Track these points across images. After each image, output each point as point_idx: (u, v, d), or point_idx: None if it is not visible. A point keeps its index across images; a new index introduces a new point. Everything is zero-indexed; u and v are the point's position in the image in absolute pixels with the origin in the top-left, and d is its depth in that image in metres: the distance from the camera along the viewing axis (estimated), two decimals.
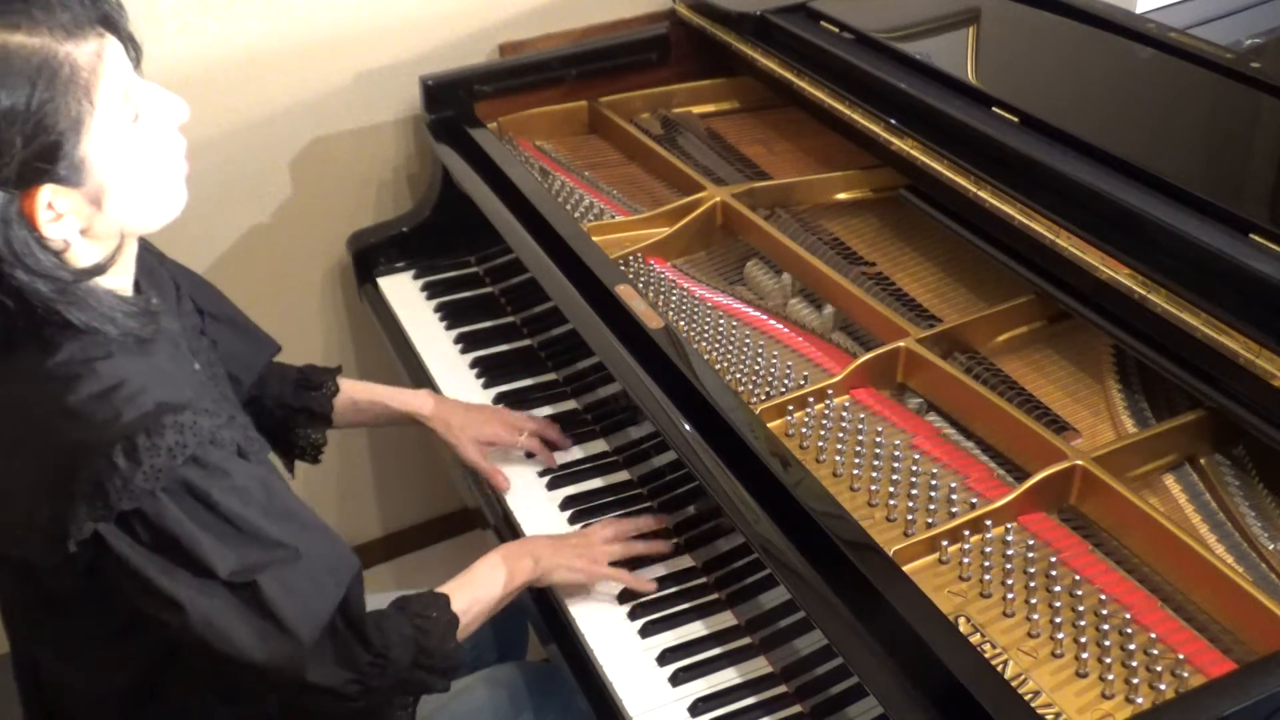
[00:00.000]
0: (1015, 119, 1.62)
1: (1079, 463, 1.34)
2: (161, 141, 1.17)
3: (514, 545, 1.49)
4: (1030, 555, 1.31)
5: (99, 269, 1.14)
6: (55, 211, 1.09)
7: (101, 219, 1.13)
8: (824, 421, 1.50)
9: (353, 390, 1.70)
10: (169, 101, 1.17)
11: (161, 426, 1.09)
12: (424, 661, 1.27)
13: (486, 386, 1.87)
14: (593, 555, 1.49)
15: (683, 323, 1.70)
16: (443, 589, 1.37)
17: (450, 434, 1.70)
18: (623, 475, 1.68)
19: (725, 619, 1.45)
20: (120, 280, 1.21)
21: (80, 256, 1.13)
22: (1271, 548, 1.28)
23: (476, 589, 1.40)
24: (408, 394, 1.75)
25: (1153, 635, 1.22)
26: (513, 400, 1.83)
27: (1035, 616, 1.25)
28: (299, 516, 1.21)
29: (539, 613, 1.54)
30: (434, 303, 2.06)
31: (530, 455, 1.72)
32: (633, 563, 1.52)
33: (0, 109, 1.02)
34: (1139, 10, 1.97)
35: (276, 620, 1.14)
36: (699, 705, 1.35)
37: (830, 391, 1.53)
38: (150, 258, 1.36)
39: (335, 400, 1.67)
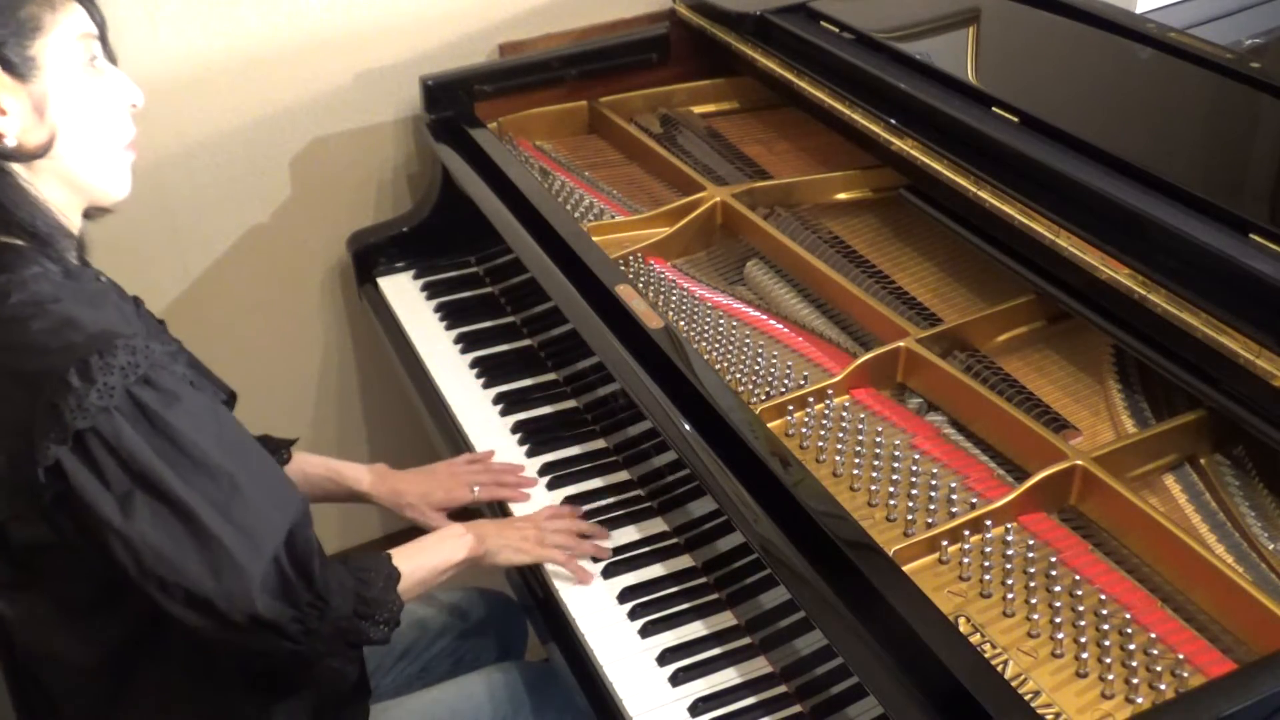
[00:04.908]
0: (1015, 119, 1.62)
1: (1079, 463, 1.34)
2: (111, 105, 1.24)
3: (459, 525, 1.53)
4: (1030, 555, 1.31)
5: (25, 147, 1.18)
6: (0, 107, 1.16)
7: (41, 132, 1.18)
8: (824, 421, 1.50)
9: (304, 463, 1.69)
10: (125, 80, 1.25)
11: (114, 347, 1.14)
12: (364, 611, 1.30)
13: (486, 386, 1.87)
14: (539, 536, 1.53)
15: (683, 323, 1.70)
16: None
17: (408, 510, 1.69)
18: (623, 475, 1.68)
19: (725, 619, 1.45)
20: (66, 218, 1.25)
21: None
22: (1271, 548, 1.28)
23: (419, 557, 1.43)
24: (354, 469, 1.71)
25: (1153, 635, 1.22)
26: (513, 400, 1.83)
27: (1035, 616, 1.25)
28: (247, 449, 1.25)
29: (539, 613, 1.54)
30: (434, 303, 2.06)
31: (530, 455, 1.72)
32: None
33: None
34: (1139, 10, 1.97)
35: (225, 551, 1.17)
36: (699, 705, 1.35)
37: (830, 391, 1.53)
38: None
39: (285, 469, 1.65)
